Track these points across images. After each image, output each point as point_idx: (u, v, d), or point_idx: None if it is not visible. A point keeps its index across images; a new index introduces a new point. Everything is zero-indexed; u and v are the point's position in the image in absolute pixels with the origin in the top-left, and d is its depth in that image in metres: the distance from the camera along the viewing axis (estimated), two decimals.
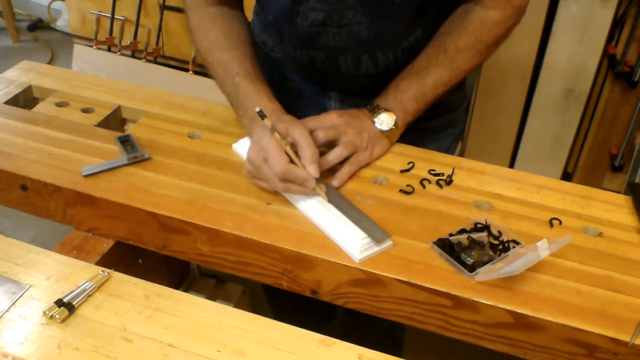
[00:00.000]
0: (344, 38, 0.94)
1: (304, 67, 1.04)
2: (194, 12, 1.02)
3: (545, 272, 0.79)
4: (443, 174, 0.95)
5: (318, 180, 0.85)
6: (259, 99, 0.93)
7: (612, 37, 2.04)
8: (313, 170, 0.83)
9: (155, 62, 2.68)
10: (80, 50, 2.70)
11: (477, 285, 0.76)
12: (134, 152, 0.95)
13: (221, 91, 1.00)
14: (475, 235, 0.82)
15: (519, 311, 0.74)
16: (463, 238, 0.82)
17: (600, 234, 0.86)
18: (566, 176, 2.30)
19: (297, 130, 0.85)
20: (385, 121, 0.96)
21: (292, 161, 0.84)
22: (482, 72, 2.14)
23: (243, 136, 0.99)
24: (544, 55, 2.05)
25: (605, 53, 2.03)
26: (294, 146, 0.85)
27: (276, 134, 0.83)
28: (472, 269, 0.77)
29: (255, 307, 1.26)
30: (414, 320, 0.80)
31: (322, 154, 0.92)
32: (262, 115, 0.84)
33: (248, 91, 0.94)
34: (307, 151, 0.84)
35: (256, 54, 1.02)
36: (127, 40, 2.73)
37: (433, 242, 0.81)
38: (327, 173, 0.91)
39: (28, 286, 0.76)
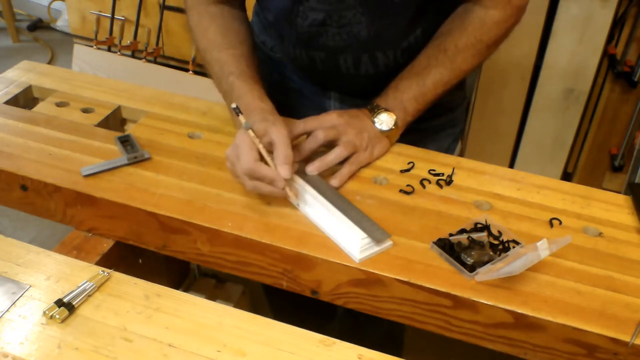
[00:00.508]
0: (344, 38, 0.94)
1: (304, 67, 1.04)
2: (194, 12, 1.02)
3: (545, 272, 0.79)
4: (443, 174, 0.95)
5: (299, 183, 0.84)
6: (251, 98, 0.92)
7: (612, 37, 2.04)
8: (283, 171, 0.81)
9: (155, 62, 2.68)
10: (80, 50, 2.70)
11: (477, 285, 0.76)
12: (134, 152, 0.95)
13: (218, 90, 1.00)
14: (475, 235, 0.82)
15: (519, 311, 0.74)
16: (463, 238, 0.82)
17: (600, 234, 0.86)
18: (566, 176, 2.30)
19: (275, 130, 0.84)
20: (385, 121, 0.96)
21: (264, 161, 0.83)
22: (482, 72, 2.14)
23: None
24: (544, 55, 2.05)
25: (605, 53, 2.03)
26: (271, 146, 0.84)
27: (250, 132, 0.83)
28: (472, 269, 0.77)
29: (255, 307, 1.26)
30: (414, 320, 0.80)
31: (322, 154, 0.92)
32: (237, 111, 0.84)
33: (241, 90, 0.94)
34: (281, 151, 0.82)
35: (254, 54, 1.01)
36: (127, 40, 2.73)
37: (433, 242, 0.81)
38: (327, 173, 0.92)
39: (28, 286, 0.76)
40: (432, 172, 0.96)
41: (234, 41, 0.99)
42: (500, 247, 0.82)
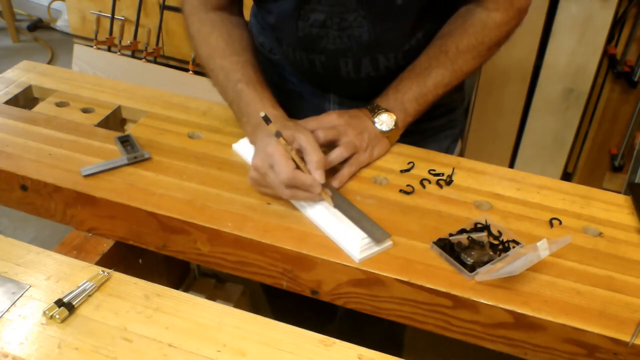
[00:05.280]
0: (345, 41, 0.94)
1: (303, 70, 1.03)
2: (194, 19, 1.01)
3: (545, 272, 0.79)
4: (443, 174, 0.95)
5: (323, 185, 0.84)
6: (262, 105, 0.92)
7: (612, 37, 2.04)
8: (319, 176, 0.83)
9: (155, 62, 2.68)
10: (80, 50, 2.70)
11: (477, 285, 0.76)
12: (134, 152, 0.95)
13: (223, 98, 0.99)
14: (475, 235, 0.82)
15: (519, 311, 0.74)
16: (463, 238, 0.82)
17: (600, 234, 0.86)
18: (566, 176, 2.30)
19: (303, 136, 0.85)
20: (385, 122, 0.96)
21: (297, 167, 0.84)
22: (482, 72, 2.14)
23: (243, 136, 0.99)
24: (544, 55, 2.05)
25: (605, 53, 2.03)
26: (299, 152, 0.85)
27: (281, 140, 0.83)
28: (472, 269, 0.77)
29: (255, 307, 1.26)
30: (414, 320, 0.81)
31: None
32: (267, 120, 0.84)
33: (251, 98, 0.93)
34: (314, 157, 0.83)
35: (257, 61, 1.01)
36: (127, 40, 2.73)
37: (433, 242, 0.81)
38: (328, 173, 0.91)
39: (28, 286, 0.76)
40: (432, 172, 0.96)
41: (237, 48, 0.98)
42: (500, 247, 0.82)
